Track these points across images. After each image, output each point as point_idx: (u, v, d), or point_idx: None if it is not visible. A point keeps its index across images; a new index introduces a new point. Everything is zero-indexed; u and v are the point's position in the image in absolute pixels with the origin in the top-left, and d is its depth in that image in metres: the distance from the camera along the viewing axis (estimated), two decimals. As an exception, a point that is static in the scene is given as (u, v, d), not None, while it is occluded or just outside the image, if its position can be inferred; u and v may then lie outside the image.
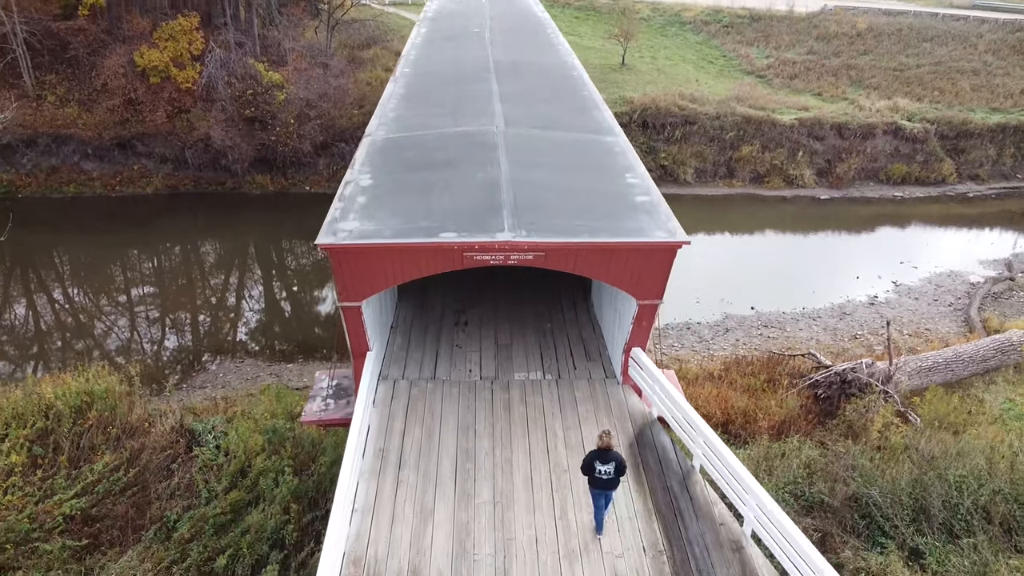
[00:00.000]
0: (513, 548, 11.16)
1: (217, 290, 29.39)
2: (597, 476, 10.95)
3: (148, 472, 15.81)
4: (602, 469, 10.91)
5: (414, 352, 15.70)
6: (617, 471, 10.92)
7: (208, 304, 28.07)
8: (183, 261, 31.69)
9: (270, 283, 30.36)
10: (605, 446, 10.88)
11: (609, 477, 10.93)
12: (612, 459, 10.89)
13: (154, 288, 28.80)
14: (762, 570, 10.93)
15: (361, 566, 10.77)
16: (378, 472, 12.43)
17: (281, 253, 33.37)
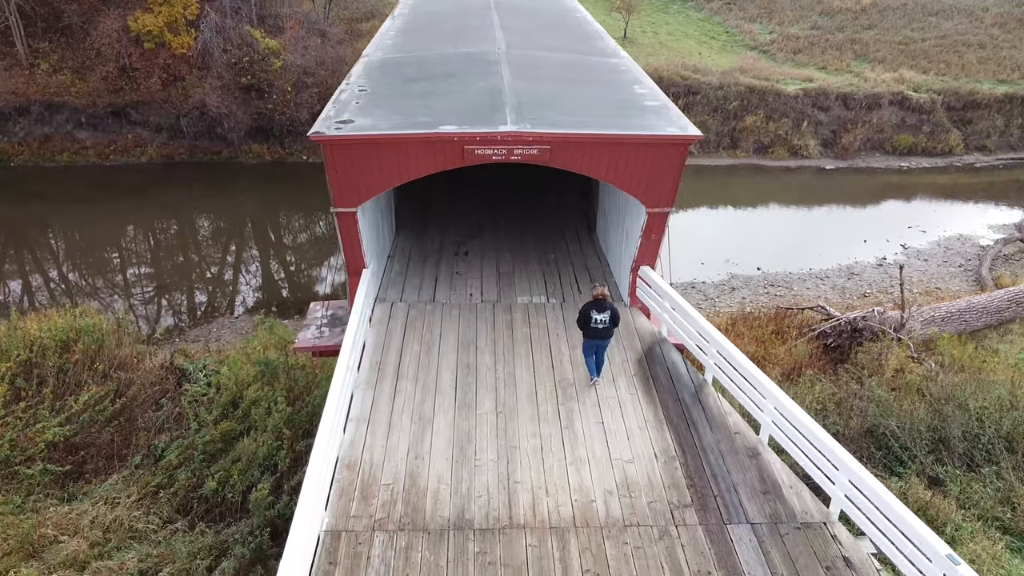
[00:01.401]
0: (517, 455, 10.58)
1: (213, 257, 28.81)
2: (593, 326, 11.48)
3: (135, 405, 15.20)
4: (598, 318, 11.45)
5: (412, 278, 15.12)
6: (612, 320, 11.55)
7: (203, 269, 27.49)
8: (178, 231, 31.10)
9: (266, 250, 29.80)
10: (600, 296, 11.46)
11: (604, 326, 11.52)
12: (607, 308, 11.52)
13: (148, 255, 28.23)
14: (780, 475, 10.35)
15: (356, 471, 10.18)
16: (374, 384, 11.84)
17: (278, 222, 32.79)
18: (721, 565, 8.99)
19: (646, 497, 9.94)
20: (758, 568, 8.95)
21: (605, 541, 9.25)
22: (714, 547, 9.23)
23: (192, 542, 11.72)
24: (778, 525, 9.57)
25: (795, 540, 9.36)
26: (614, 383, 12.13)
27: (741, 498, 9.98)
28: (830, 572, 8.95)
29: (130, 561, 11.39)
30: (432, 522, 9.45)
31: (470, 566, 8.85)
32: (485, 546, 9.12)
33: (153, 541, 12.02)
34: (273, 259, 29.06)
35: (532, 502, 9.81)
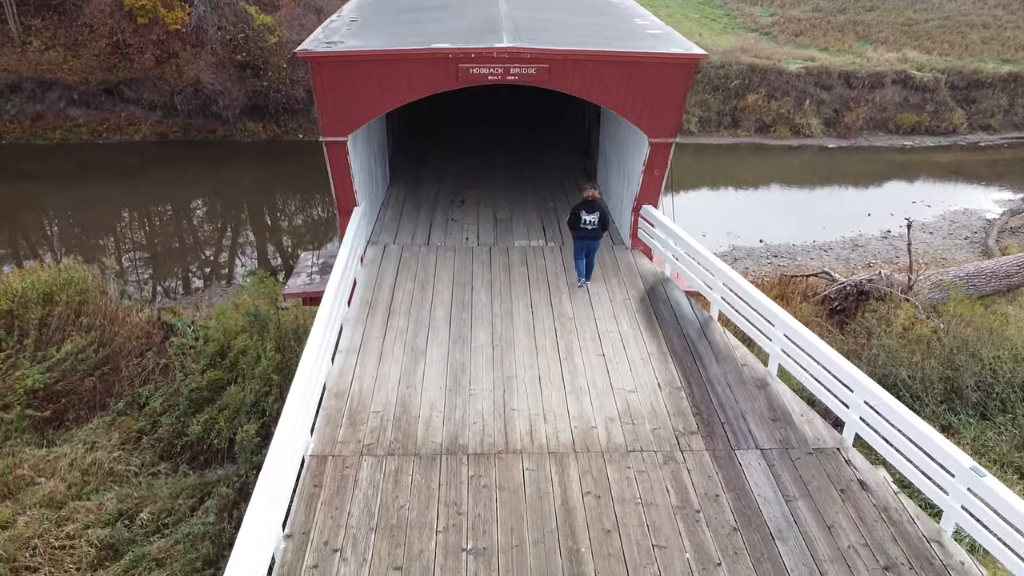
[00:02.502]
0: (513, 384, 10.09)
1: (206, 233, 28.34)
2: (583, 227, 11.72)
3: (120, 356, 14.69)
4: (587, 219, 11.66)
5: (406, 223, 14.63)
6: (600, 222, 11.72)
7: (197, 246, 27.01)
8: (172, 209, 30.60)
9: (261, 227, 29.33)
10: (590, 198, 11.62)
11: (593, 227, 11.71)
12: (597, 209, 11.69)
13: (141, 233, 27.78)
14: (791, 404, 9.85)
15: (344, 399, 9.68)
16: (364, 320, 11.35)
17: (274, 201, 32.30)
18: (730, 488, 8.50)
19: (650, 424, 9.45)
20: (768, 491, 8.46)
21: (607, 465, 8.76)
22: (722, 471, 8.74)
23: (175, 484, 11.22)
24: (789, 451, 9.08)
25: (807, 464, 8.87)
26: (615, 319, 11.65)
27: (750, 425, 9.49)
28: (845, 495, 8.46)
29: (109, 502, 10.88)
30: (424, 447, 8.96)
31: (463, 489, 8.36)
32: (479, 470, 8.63)
33: (134, 484, 11.52)
34: (269, 240, 28.59)
35: (529, 429, 9.32)
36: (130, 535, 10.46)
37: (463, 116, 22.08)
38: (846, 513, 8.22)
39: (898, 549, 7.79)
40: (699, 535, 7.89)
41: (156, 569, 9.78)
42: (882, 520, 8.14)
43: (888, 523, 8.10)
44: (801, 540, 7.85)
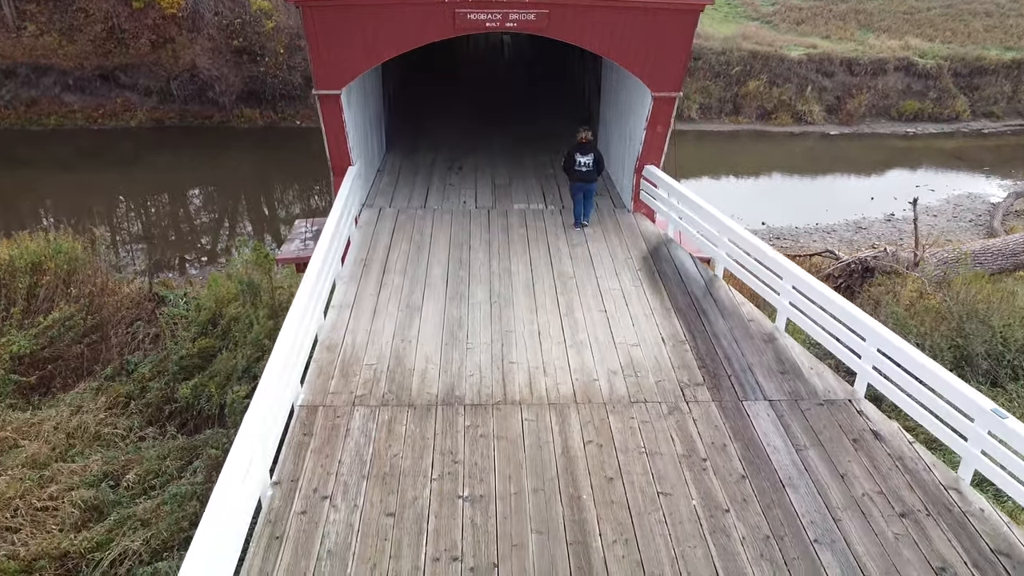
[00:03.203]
0: (512, 338, 9.75)
1: (202, 219, 27.99)
2: (577, 169, 12.06)
3: (109, 326, 14.33)
4: (581, 160, 12.00)
5: (402, 188, 14.30)
6: (595, 164, 12.03)
7: (193, 231, 26.65)
8: (168, 194, 30.23)
9: (259, 213, 28.97)
10: (584, 140, 11.87)
11: (588, 169, 12.02)
12: (591, 151, 12.02)
13: (137, 219, 27.42)
14: (800, 357, 9.51)
15: (336, 352, 9.34)
16: (359, 277, 11.01)
17: (271, 187, 31.95)
18: (737, 437, 8.15)
19: (653, 376, 9.11)
20: (778, 440, 8.11)
21: (609, 416, 8.41)
22: (729, 421, 8.39)
23: (162, 446, 10.87)
24: (798, 402, 8.73)
25: (818, 415, 8.52)
26: (617, 277, 11.31)
27: (757, 377, 9.14)
28: (858, 444, 8.11)
29: (94, 464, 10.53)
30: (419, 398, 8.61)
31: (460, 438, 8.01)
32: (476, 420, 8.28)
33: (121, 448, 11.16)
34: (267, 228, 28.21)
35: (528, 381, 8.97)
36: (115, 497, 10.11)
37: (461, 91, 21.82)
38: (859, 462, 7.87)
39: (914, 496, 7.45)
40: (706, 483, 7.54)
41: (141, 528, 9.42)
42: (897, 469, 7.79)
43: (903, 471, 7.76)
44: (813, 488, 7.50)
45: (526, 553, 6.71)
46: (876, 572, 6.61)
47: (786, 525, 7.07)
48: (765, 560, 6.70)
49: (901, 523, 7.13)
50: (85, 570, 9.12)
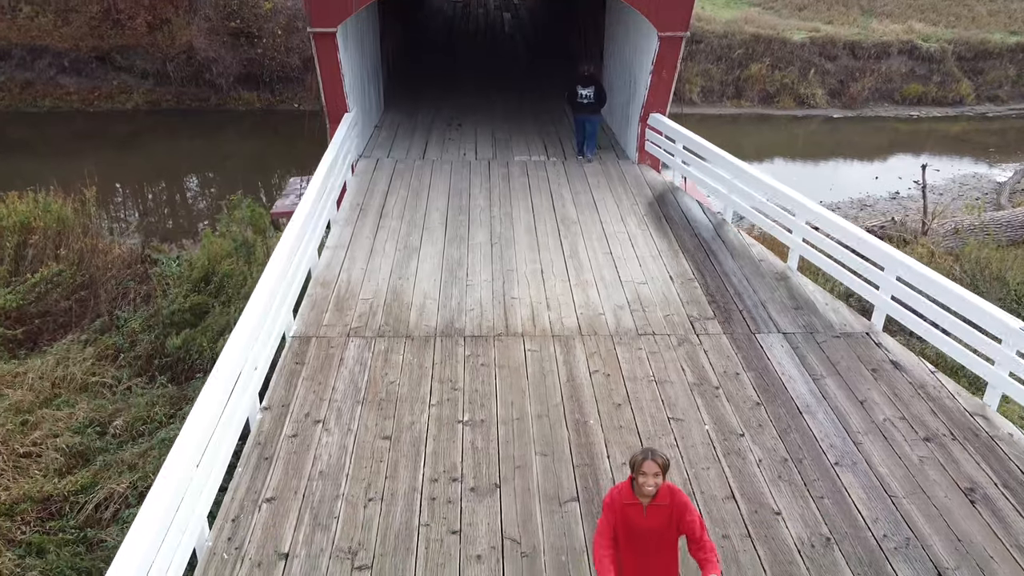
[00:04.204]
0: (514, 276, 9.39)
1: (199, 201, 27.57)
2: (579, 101, 12.37)
3: (99, 285, 13.94)
4: (583, 92, 12.28)
5: (401, 141, 13.93)
6: (597, 96, 12.38)
7: (188, 210, 26.24)
8: (164, 176, 29.80)
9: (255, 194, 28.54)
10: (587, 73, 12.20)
11: (590, 101, 12.34)
12: (592, 84, 12.33)
13: (132, 198, 27.02)
14: (814, 294, 9.15)
15: (331, 287, 8.98)
16: (355, 221, 10.65)
17: (269, 171, 31.55)
18: (751, 367, 7.78)
19: (662, 311, 8.73)
20: (793, 370, 7.74)
21: (616, 347, 8.03)
22: (741, 352, 8.01)
23: (151, 394, 10.50)
24: (814, 334, 8.36)
25: (834, 346, 8.15)
26: (623, 222, 10.93)
27: (770, 312, 8.77)
28: (877, 374, 7.73)
29: (80, 411, 10.15)
30: (416, 330, 8.24)
31: (460, 368, 7.63)
32: (477, 350, 7.91)
33: (108, 398, 10.78)
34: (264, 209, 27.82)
35: (531, 315, 8.59)
36: (101, 444, 9.74)
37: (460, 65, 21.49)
38: (879, 390, 7.50)
39: (938, 422, 7.07)
40: (719, 409, 7.16)
41: (128, 472, 9.04)
42: (919, 396, 7.42)
43: (925, 399, 7.38)
44: (831, 414, 7.13)
45: (530, 474, 6.33)
46: (901, 492, 6.24)
47: (804, 449, 6.70)
48: (784, 481, 6.33)
49: (926, 447, 6.75)
50: (69, 513, 8.75)
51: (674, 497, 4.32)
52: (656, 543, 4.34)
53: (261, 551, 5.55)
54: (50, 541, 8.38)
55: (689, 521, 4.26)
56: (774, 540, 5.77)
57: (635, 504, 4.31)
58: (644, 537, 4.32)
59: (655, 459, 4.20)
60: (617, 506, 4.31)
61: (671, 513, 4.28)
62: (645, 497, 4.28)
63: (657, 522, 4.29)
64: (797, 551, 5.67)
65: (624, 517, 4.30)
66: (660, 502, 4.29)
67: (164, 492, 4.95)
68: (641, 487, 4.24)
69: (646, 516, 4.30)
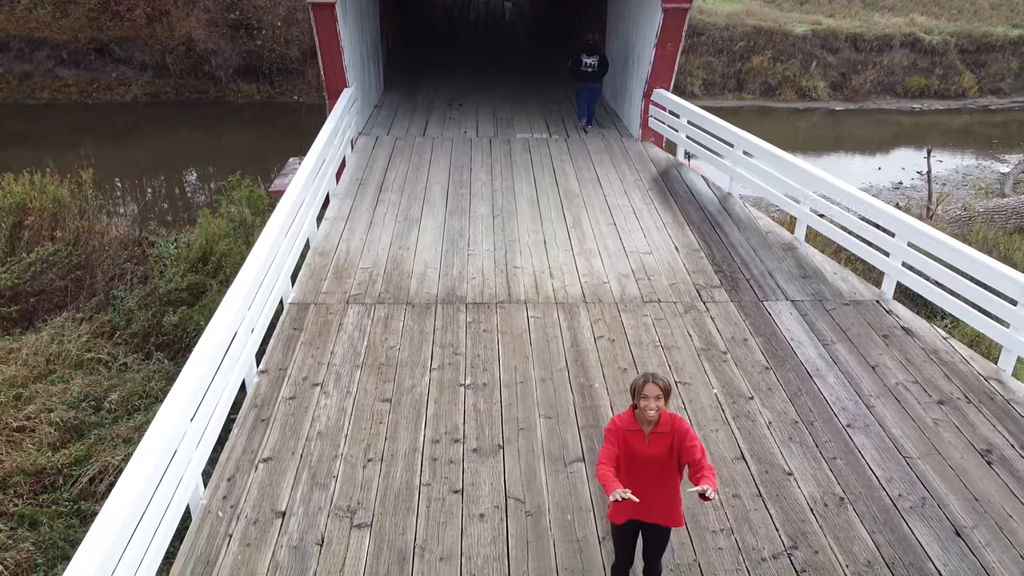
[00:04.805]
0: (516, 247, 9.24)
1: (198, 193, 27.38)
2: (583, 70, 12.51)
3: (96, 266, 13.76)
4: (587, 61, 12.41)
5: (401, 120, 13.78)
6: (600, 65, 12.50)
7: (186, 202, 26.04)
8: (163, 168, 29.60)
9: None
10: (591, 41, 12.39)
11: (593, 70, 12.47)
12: (596, 53, 12.46)
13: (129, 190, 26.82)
14: (822, 264, 9.00)
15: (330, 257, 8.82)
16: (354, 195, 10.49)
17: (268, 163, 31.33)
18: (759, 333, 7.61)
19: (667, 279, 8.57)
20: (803, 335, 7.57)
21: (621, 314, 7.87)
22: (749, 319, 7.84)
23: (148, 368, 10.32)
24: (823, 302, 8.19)
25: (844, 313, 7.98)
26: (626, 195, 10.77)
27: (778, 280, 8.60)
28: (888, 340, 7.57)
29: (75, 386, 9.97)
30: (417, 297, 8.07)
31: (461, 333, 7.46)
32: (479, 317, 7.74)
33: (104, 374, 10.61)
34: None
35: (534, 283, 8.43)
36: (96, 419, 9.57)
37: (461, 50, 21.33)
38: (891, 355, 7.33)
39: (952, 385, 6.90)
40: (727, 373, 6.99)
41: (123, 445, 8.85)
42: (931, 361, 7.25)
43: (939, 363, 7.21)
44: (843, 378, 6.96)
45: (534, 436, 6.17)
46: (916, 453, 6.06)
47: (815, 411, 6.53)
48: (795, 443, 6.16)
49: (940, 409, 6.58)
50: (63, 485, 8.58)
51: (675, 424, 4.16)
52: (658, 471, 4.18)
53: (257, 509, 5.38)
54: (43, 513, 8.20)
55: (690, 447, 4.10)
56: (786, 499, 5.60)
57: (637, 431, 4.15)
58: (646, 465, 4.17)
59: (656, 382, 4.05)
60: (619, 433, 4.16)
61: (672, 440, 4.12)
62: (647, 423, 4.12)
63: (659, 450, 4.14)
64: (810, 510, 5.50)
65: (626, 444, 4.15)
66: (661, 429, 4.14)
67: (156, 441, 4.79)
68: (643, 411, 4.09)
69: (648, 444, 4.15)
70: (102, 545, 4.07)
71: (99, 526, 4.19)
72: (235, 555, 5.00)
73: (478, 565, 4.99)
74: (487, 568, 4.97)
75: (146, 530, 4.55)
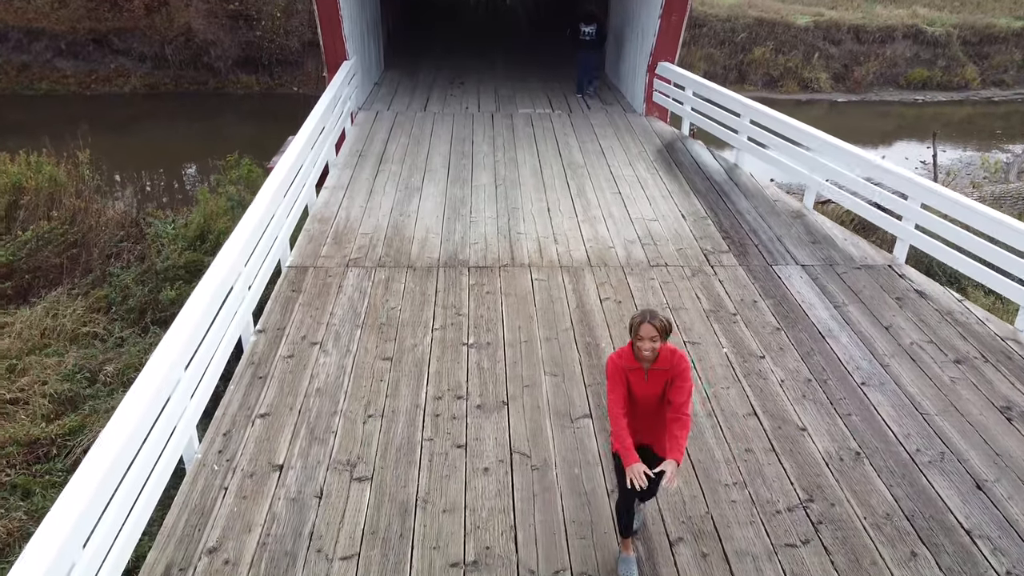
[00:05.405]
0: (519, 214, 9.05)
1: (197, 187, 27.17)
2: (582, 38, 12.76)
3: (93, 245, 13.58)
4: (586, 30, 12.55)
5: (401, 96, 13.60)
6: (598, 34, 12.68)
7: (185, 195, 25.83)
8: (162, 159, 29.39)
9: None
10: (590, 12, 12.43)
11: (591, 38, 12.70)
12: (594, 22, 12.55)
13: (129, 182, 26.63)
14: (832, 230, 8.84)
15: (329, 223, 8.64)
16: (354, 165, 10.32)
17: (267, 156, 31.11)
18: (768, 295, 7.42)
19: (674, 245, 8.39)
20: (814, 298, 7.38)
21: (627, 277, 7.68)
22: (758, 282, 7.66)
23: (144, 342, 10.14)
24: (833, 266, 8.01)
25: (856, 277, 7.80)
26: (631, 166, 10.59)
27: (787, 246, 8.42)
28: (901, 302, 7.38)
29: (70, 358, 9.80)
30: (419, 261, 7.90)
31: (464, 295, 7.28)
32: (482, 279, 7.56)
33: (99, 348, 10.43)
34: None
35: (538, 248, 8.25)
36: (91, 391, 9.39)
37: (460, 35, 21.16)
38: (904, 316, 7.14)
39: (968, 345, 6.72)
40: (737, 334, 6.81)
41: (117, 415, 8.66)
42: (946, 322, 7.06)
43: (954, 324, 7.03)
44: (856, 338, 6.77)
45: (539, 392, 5.98)
46: (933, 410, 5.88)
47: (829, 370, 6.34)
48: (808, 400, 5.97)
49: (957, 368, 6.40)
50: (57, 456, 8.40)
51: (675, 361, 3.98)
52: (656, 410, 4.00)
53: (254, 463, 5.20)
54: (36, 483, 8.03)
55: (679, 387, 3.92)
56: (800, 454, 5.41)
57: (636, 368, 3.97)
58: (645, 403, 4.00)
59: (653, 322, 3.85)
60: (621, 372, 3.97)
61: (670, 377, 3.95)
62: (646, 361, 3.94)
63: (658, 388, 3.96)
64: (825, 464, 5.32)
65: (626, 383, 3.97)
66: (661, 366, 3.95)
67: (149, 385, 4.61)
68: (639, 351, 3.90)
69: (647, 381, 3.97)
70: (89, 486, 3.90)
71: (87, 465, 4.02)
72: (230, 507, 4.82)
73: (483, 517, 4.81)
74: (492, 520, 4.79)
75: (137, 476, 4.38)
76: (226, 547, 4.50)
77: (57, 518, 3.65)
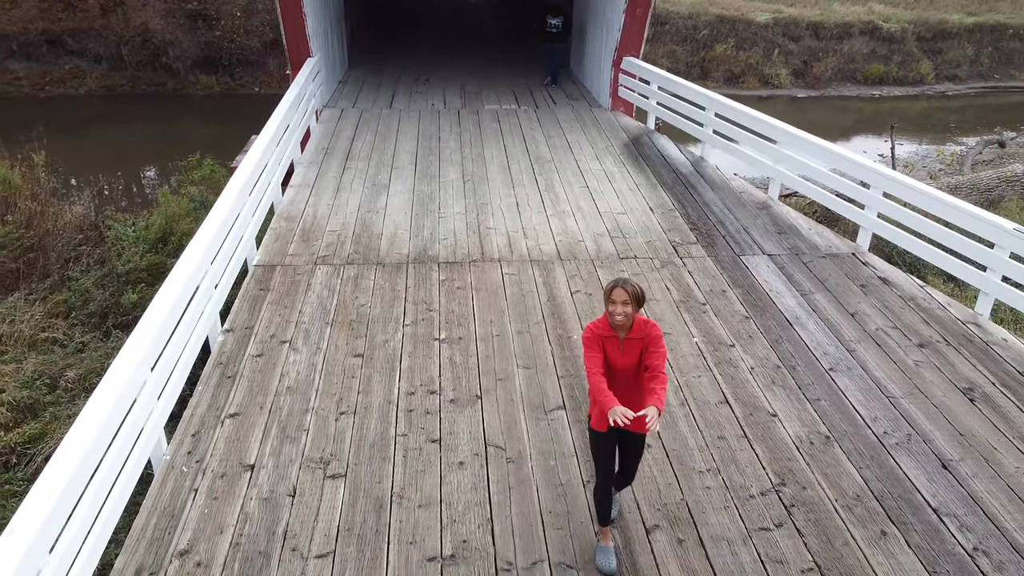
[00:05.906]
0: (488, 209, 9.03)
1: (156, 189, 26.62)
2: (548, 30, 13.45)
3: (51, 249, 13.23)
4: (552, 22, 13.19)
5: (367, 93, 13.48)
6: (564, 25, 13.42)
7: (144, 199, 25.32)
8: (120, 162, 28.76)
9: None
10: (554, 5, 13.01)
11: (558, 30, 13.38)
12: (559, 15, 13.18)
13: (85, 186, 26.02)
14: (797, 220, 8.97)
15: (296, 221, 8.52)
16: (320, 163, 10.19)
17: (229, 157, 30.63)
18: (737, 285, 7.51)
19: (643, 237, 8.45)
20: (781, 286, 7.49)
21: (597, 270, 7.72)
22: (726, 272, 7.75)
23: (106, 346, 9.90)
24: (799, 255, 8.13)
25: (821, 266, 7.93)
26: (598, 160, 10.63)
27: (754, 236, 8.53)
28: (866, 289, 7.52)
29: (29, 366, 9.53)
30: (388, 258, 7.84)
31: (434, 290, 7.25)
32: (452, 275, 7.53)
33: (59, 354, 10.16)
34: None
35: (508, 243, 8.24)
36: (52, 398, 9.14)
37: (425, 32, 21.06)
38: (869, 303, 7.27)
39: (931, 330, 6.86)
40: (707, 323, 6.87)
41: (80, 421, 8.44)
42: (910, 307, 7.21)
43: (917, 309, 7.18)
44: (822, 324, 6.88)
45: (513, 386, 5.97)
46: (899, 393, 6.00)
47: (797, 356, 6.43)
48: (778, 386, 6.05)
49: (920, 352, 6.54)
50: (17, 464, 8.16)
51: (648, 330, 4.01)
52: (633, 382, 4.03)
53: (224, 463, 5.11)
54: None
55: (653, 351, 3.96)
56: (771, 439, 5.48)
57: (612, 337, 4.00)
58: (623, 374, 4.02)
59: (625, 287, 3.90)
60: (597, 340, 3.99)
61: (643, 346, 3.97)
62: (621, 329, 3.96)
63: (634, 359, 3.99)
64: (796, 448, 5.39)
65: (603, 350, 4.00)
66: (635, 335, 3.98)
67: (114, 385, 4.50)
68: (612, 316, 3.93)
69: (623, 352, 3.99)
70: (54, 489, 3.79)
71: (52, 469, 3.91)
72: (201, 509, 4.73)
73: (459, 511, 4.79)
74: (468, 513, 4.77)
75: (104, 479, 4.27)
76: (198, 549, 4.41)
77: (22, 522, 3.54)
